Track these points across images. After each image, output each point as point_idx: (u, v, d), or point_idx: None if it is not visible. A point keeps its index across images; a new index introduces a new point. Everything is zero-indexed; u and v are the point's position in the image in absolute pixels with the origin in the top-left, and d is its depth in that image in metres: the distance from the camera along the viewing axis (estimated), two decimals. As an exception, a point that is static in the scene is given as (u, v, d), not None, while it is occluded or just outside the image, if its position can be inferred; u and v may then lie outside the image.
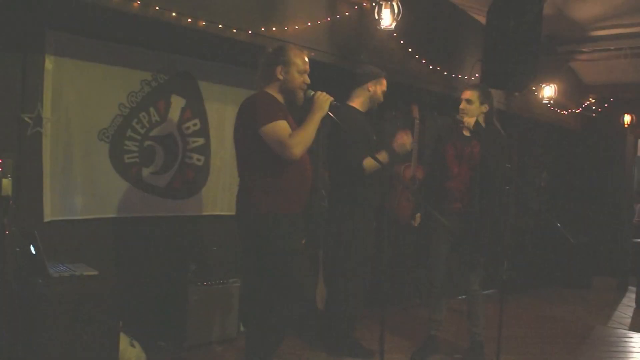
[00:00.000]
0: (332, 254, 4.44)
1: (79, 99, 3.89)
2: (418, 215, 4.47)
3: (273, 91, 3.33)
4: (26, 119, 3.65)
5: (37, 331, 3.00)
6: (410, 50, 5.24)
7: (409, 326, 5.30)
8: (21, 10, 3.47)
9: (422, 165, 5.55)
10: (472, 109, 4.23)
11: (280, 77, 3.31)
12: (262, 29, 4.05)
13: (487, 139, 4.22)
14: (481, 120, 4.27)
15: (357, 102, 4.33)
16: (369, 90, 4.30)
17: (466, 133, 4.29)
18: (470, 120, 4.23)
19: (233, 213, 3.41)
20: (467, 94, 4.27)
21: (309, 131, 3.20)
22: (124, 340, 3.47)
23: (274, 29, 4.11)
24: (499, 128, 4.35)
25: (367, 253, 4.34)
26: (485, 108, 4.25)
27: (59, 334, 2.99)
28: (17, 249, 3.33)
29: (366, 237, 4.31)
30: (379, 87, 4.33)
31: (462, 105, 4.27)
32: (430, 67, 5.50)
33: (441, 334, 4.62)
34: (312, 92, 3.26)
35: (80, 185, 3.94)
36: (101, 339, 3.14)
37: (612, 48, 6.74)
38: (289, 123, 3.23)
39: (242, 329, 4.64)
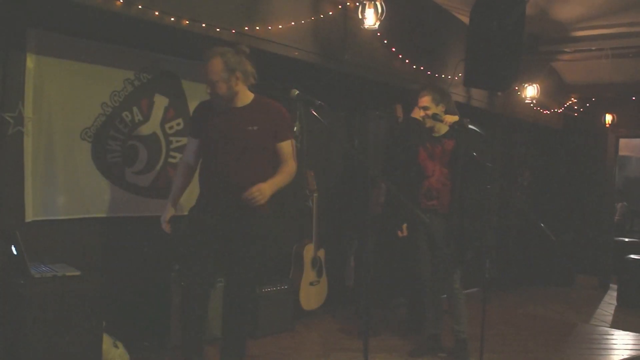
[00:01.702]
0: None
1: (61, 98, 3.86)
2: (405, 225, 4.48)
3: None
4: (7, 118, 3.62)
5: (19, 332, 2.97)
6: (393, 49, 5.26)
7: (394, 324, 5.32)
8: (2, 8, 3.44)
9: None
10: (431, 114, 4.31)
11: None
12: (246, 29, 4.04)
13: (457, 137, 4.32)
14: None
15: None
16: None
17: (435, 134, 4.39)
18: (439, 126, 4.35)
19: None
20: (421, 101, 4.36)
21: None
22: (107, 341, 3.45)
23: (257, 28, 4.10)
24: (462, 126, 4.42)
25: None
26: (442, 107, 4.33)
27: (41, 334, 2.97)
28: (-2, 250, 3.31)
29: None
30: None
31: (422, 113, 4.36)
32: (414, 66, 5.52)
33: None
34: (297, 92, 3.25)
35: (62, 185, 3.91)
36: (84, 339, 3.12)
37: (593, 48, 6.80)
38: (211, 124, 3.49)
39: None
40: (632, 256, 7.22)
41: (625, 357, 4.92)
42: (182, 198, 4.52)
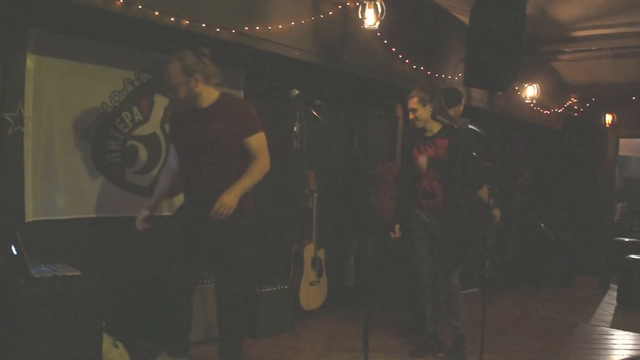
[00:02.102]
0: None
1: (61, 98, 3.86)
2: (397, 226, 4.50)
3: None
4: (7, 118, 3.62)
5: (19, 332, 2.97)
6: (393, 49, 5.26)
7: (394, 324, 5.32)
8: (2, 8, 3.43)
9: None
10: (419, 115, 4.36)
11: None
12: (246, 29, 4.04)
13: (450, 136, 4.37)
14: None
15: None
16: (455, 111, 4.92)
17: (427, 134, 4.43)
18: (431, 125, 4.39)
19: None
20: (410, 104, 4.40)
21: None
22: (107, 341, 3.44)
23: (257, 28, 4.10)
24: (450, 123, 4.47)
25: None
26: (430, 107, 4.35)
27: (41, 334, 2.96)
28: (-2, 250, 3.30)
29: None
30: (461, 108, 5.05)
31: (411, 116, 4.41)
32: (414, 66, 5.52)
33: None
34: (297, 92, 3.25)
35: (62, 185, 3.91)
36: (84, 339, 3.12)
37: (593, 48, 6.80)
38: (180, 128, 3.60)
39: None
40: (632, 256, 7.22)
41: (625, 357, 4.92)
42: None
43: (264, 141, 3.58)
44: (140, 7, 3.44)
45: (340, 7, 4.71)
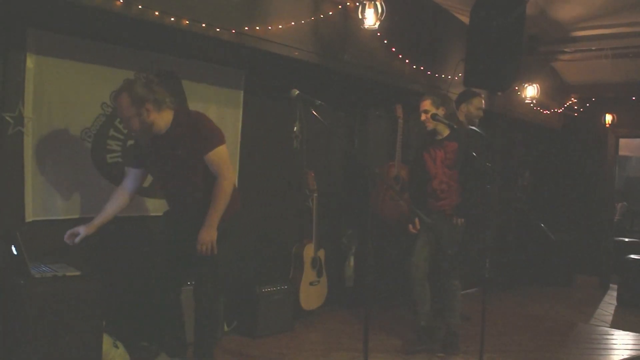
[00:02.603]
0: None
1: (61, 98, 3.85)
2: (417, 220, 4.52)
3: None
4: (7, 118, 3.61)
5: (19, 332, 2.97)
6: (393, 49, 5.26)
7: (394, 324, 5.31)
8: (2, 8, 3.43)
9: (405, 165, 5.60)
10: (430, 117, 4.44)
11: None
12: (246, 28, 4.04)
13: (458, 138, 4.47)
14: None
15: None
16: (462, 111, 5.10)
17: (438, 137, 4.52)
18: (441, 127, 4.49)
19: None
20: (422, 105, 4.49)
21: None
22: (107, 341, 3.45)
23: (257, 28, 4.10)
24: (461, 125, 4.52)
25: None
26: (443, 110, 4.44)
27: (41, 334, 2.97)
28: (-2, 250, 3.31)
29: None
30: (471, 107, 5.16)
31: (422, 117, 4.49)
32: (414, 66, 5.52)
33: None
34: (297, 92, 3.25)
35: (62, 186, 3.90)
36: (84, 339, 3.12)
37: (593, 48, 6.81)
38: (145, 155, 3.64)
39: (226, 329, 4.65)
40: (632, 256, 7.22)
41: (625, 357, 4.92)
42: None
43: (224, 155, 3.56)
44: (140, 7, 3.44)
45: (340, 7, 4.71)
